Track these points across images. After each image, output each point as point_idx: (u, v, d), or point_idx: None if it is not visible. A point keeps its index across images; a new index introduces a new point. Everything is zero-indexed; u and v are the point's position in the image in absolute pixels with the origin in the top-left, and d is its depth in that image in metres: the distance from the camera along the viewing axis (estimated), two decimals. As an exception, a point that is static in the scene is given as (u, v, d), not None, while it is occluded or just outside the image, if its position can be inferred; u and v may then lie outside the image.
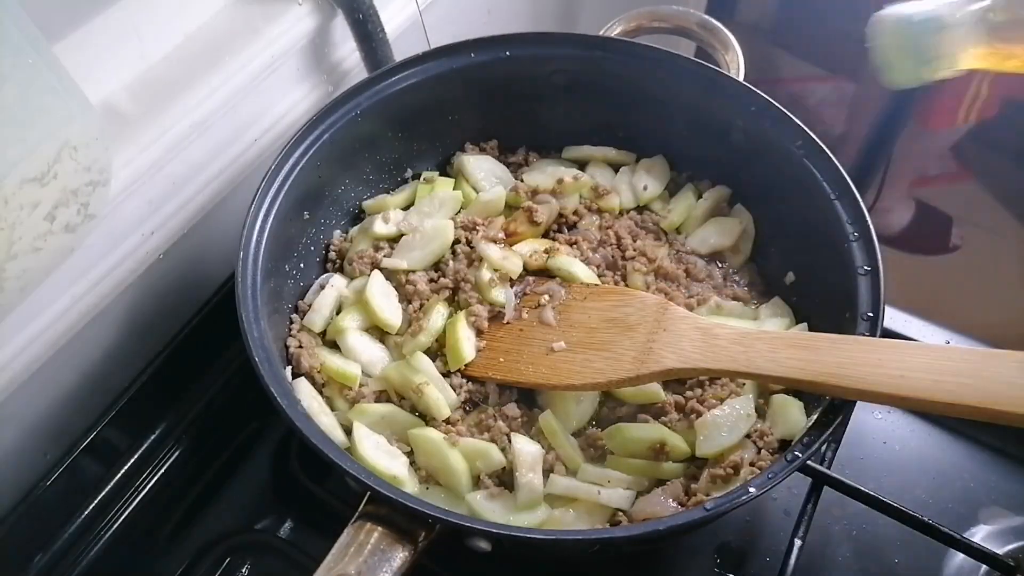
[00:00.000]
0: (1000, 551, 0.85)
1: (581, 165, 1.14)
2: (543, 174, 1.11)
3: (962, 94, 1.94)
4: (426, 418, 0.91)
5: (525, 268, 1.01)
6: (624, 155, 1.14)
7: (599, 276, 1.01)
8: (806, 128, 0.96)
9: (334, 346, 0.96)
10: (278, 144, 1.03)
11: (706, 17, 1.14)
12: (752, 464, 0.82)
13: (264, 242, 0.89)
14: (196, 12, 1.00)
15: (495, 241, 1.01)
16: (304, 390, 0.89)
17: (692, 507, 0.79)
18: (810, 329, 0.94)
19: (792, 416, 0.85)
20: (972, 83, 1.92)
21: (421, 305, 0.97)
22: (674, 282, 1.02)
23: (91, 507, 0.92)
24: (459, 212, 1.07)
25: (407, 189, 1.10)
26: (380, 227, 1.03)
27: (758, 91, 0.99)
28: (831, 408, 0.77)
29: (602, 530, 0.81)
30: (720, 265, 1.06)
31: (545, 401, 0.93)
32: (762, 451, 0.84)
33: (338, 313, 0.98)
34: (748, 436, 0.86)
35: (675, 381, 0.92)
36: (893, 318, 1.04)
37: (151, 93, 0.94)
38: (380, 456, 0.85)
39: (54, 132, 0.68)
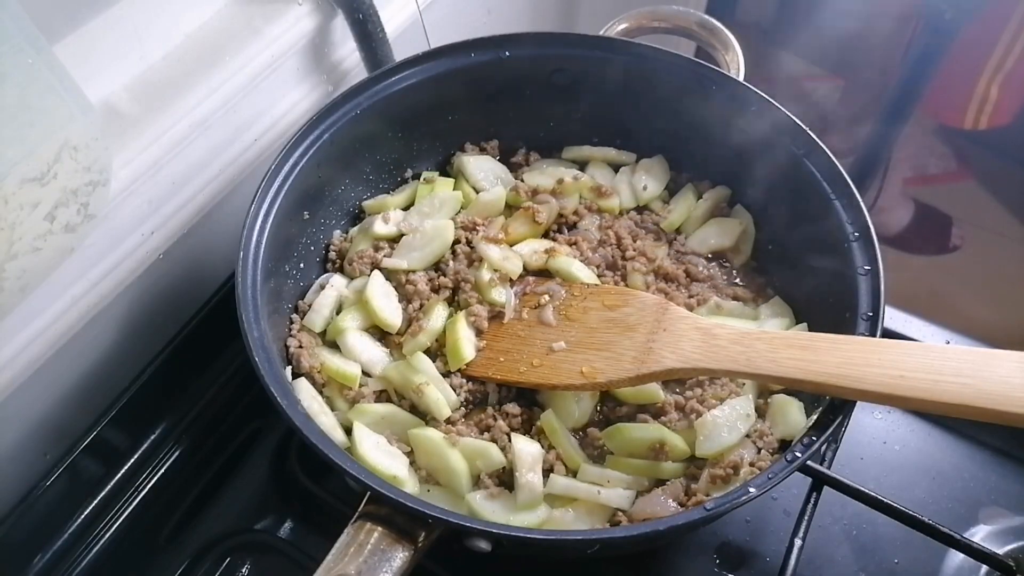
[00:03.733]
0: (1000, 551, 0.85)
1: (581, 165, 1.14)
2: (543, 174, 1.11)
3: (970, 91, 1.93)
4: (426, 418, 0.91)
5: (525, 268, 1.01)
6: (624, 155, 1.14)
7: (599, 276, 1.01)
8: (806, 128, 0.96)
9: (334, 346, 0.96)
10: (278, 144, 1.03)
11: (706, 17, 1.13)
12: (752, 464, 0.82)
13: (264, 242, 0.89)
14: (196, 12, 1.00)
15: (495, 242, 1.01)
16: (304, 390, 0.89)
17: (692, 507, 0.79)
18: (810, 329, 0.94)
19: (792, 416, 0.85)
20: (980, 80, 1.91)
21: (421, 305, 0.97)
22: (674, 282, 1.02)
23: (91, 507, 0.92)
24: (459, 212, 1.07)
25: (407, 189, 1.10)
26: (380, 227, 1.03)
27: (758, 91, 0.99)
28: (831, 408, 0.77)
29: (602, 530, 0.81)
30: (720, 265, 1.05)
31: (545, 401, 0.93)
32: (762, 451, 0.84)
33: (338, 313, 0.98)
34: (748, 436, 0.86)
35: (675, 381, 0.92)
36: (893, 318, 1.04)
37: (151, 93, 0.94)
38: (380, 456, 0.85)
39: (54, 132, 0.68)
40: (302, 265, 1.00)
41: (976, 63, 1.89)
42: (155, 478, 0.96)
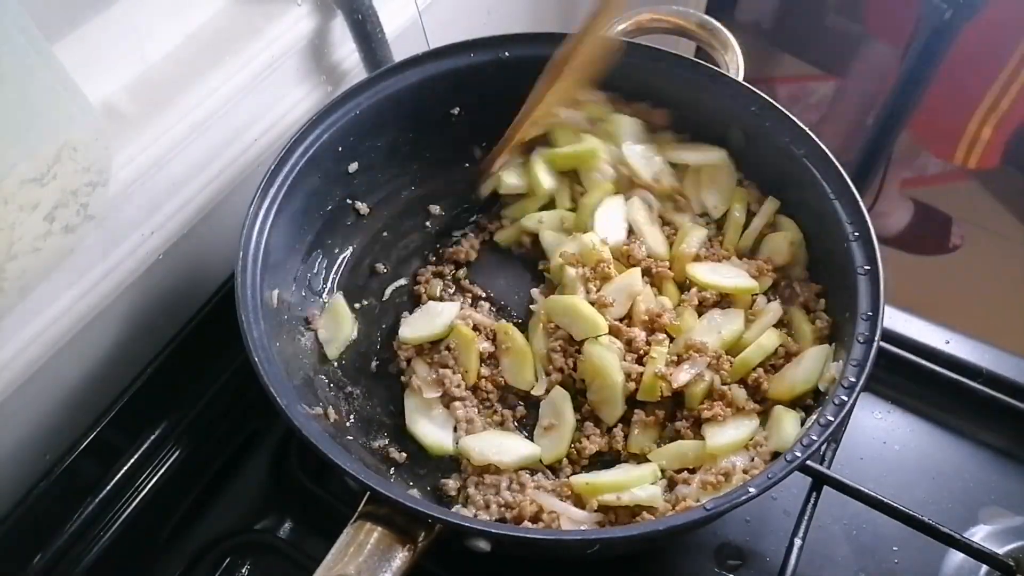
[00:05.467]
0: (1000, 551, 0.85)
1: None
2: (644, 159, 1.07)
3: (960, 129, 1.89)
4: None
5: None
6: (695, 153, 1.07)
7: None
8: (806, 128, 0.95)
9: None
10: (278, 144, 1.03)
11: (706, 17, 1.13)
12: (745, 471, 0.82)
13: (264, 242, 0.89)
14: (196, 12, 1.00)
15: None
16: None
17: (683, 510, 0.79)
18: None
19: (786, 428, 0.84)
20: (972, 120, 1.86)
21: None
22: None
23: (91, 507, 0.92)
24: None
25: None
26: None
27: (758, 91, 0.99)
28: (831, 409, 0.77)
29: (602, 530, 0.81)
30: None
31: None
32: (755, 459, 0.84)
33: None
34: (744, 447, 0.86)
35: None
36: (893, 318, 1.04)
37: (151, 93, 0.94)
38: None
39: (54, 132, 0.68)
40: (302, 267, 1.00)
41: (970, 101, 1.85)
42: (155, 478, 0.96)
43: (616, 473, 0.86)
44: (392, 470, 0.91)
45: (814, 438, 0.74)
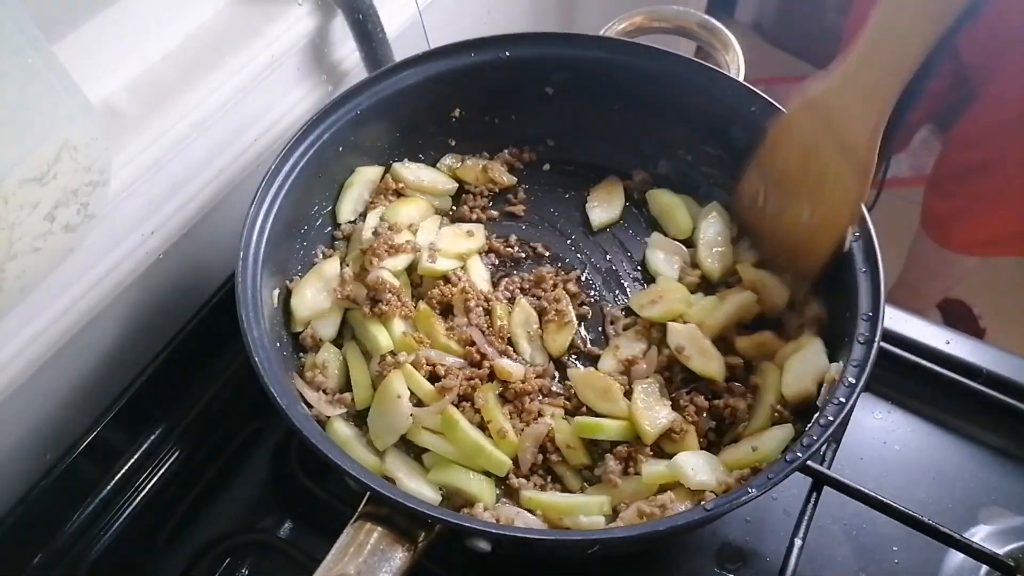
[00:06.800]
0: (1000, 551, 0.85)
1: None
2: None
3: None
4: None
5: None
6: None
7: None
8: (806, 128, 0.95)
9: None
10: (278, 144, 1.03)
11: (706, 17, 1.14)
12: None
13: (264, 242, 0.89)
14: (196, 12, 1.00)
15: None
16: None
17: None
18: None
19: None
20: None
21: None
22: None
23: (91, 507, 0.92)
24: None
25: None
26: None
27: (758, 91, 0.99)
28: (831, 409, 0.77)
29: (602, 530, 0.81)
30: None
31: None
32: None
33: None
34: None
35: None
36: (893, 318, 1.04)
37: (151, 93, 0.94)
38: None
39: (54, 132, 0.68)
40: (301, 266, 1.00)
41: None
42: (155, 478, 0.96)
43: (564, 497, 0.85)
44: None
45: (814, 438, 0.74)
